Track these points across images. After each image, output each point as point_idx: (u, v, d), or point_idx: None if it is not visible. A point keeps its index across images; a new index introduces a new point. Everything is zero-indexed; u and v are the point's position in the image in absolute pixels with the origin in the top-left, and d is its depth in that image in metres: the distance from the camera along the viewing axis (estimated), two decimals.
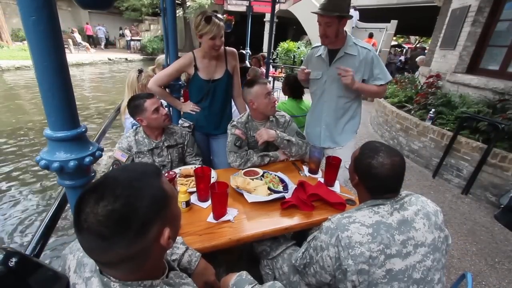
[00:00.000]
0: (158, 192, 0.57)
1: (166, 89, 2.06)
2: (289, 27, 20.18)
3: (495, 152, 2.86)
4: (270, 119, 1.83)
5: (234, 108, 2.23)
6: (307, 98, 2.70)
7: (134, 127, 1.79)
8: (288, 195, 1.39)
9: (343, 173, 1.81)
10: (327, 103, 1.92)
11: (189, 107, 2.01)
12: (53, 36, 0.70)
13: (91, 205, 0.51)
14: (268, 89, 1.72)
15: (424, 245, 0.85)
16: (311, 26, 12.11)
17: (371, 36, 9.42)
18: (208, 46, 1.76)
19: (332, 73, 1.81)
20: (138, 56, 17.16)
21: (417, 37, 24.69)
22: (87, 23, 17.53)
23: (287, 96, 2.73)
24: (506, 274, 2.08)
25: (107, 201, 0.51)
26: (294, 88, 2.57)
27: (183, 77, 2.29)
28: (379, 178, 0.90)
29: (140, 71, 2.21)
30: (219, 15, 1.75)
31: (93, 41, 18.10)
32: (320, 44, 1.89)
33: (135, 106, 1.60)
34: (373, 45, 8.97)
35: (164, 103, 2.15)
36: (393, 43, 13.71)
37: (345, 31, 1.76)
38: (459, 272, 2.06)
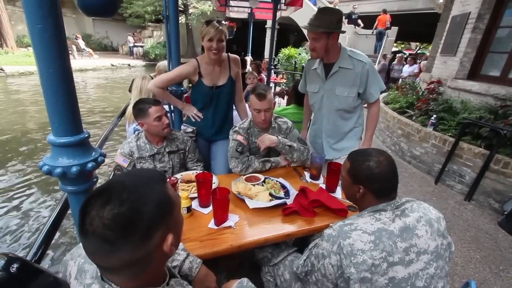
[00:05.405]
0: (163, 197, 0.57)
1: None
2: (290, 34, 20.35)
3: (497, 158, 2.85)
4: (272, 125, 1.84)
5: (235, 113, 2.24)
6: None
7: (136, 132, 1.80)
8: (289, 201, 1.39)
9: None
10: (326, 116, 1.91)
11: (192, 111, 2.01)
12: (58, 44, 0.71)
13: (97, 209, 0.51)
14: (259, 105, 1.67)
15: (427, 253, 0.84)
16: None
17: (385, 12, 9.94)
18: (206, 47, 1.79)
19: (329, 88, 1.82)
20: (140, 62, 17.29)
21: (418, 43, 24.84)
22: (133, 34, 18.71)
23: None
24: (511, 283, 2.05)
25: (113, 205, 0.51)
26: (296, 95, 2.60)
27: (185, 84, 2.30)
28: (382, 176, 0.92)
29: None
30: (223, 22, 1.78)
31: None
32: None
33: (139, 109, 1.64)
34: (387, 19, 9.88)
35: (166, 108, 2.16)
36: (394, 49, 13.79)
37: (339, 43, 1.74)
38: (463, 280, 2.03)
